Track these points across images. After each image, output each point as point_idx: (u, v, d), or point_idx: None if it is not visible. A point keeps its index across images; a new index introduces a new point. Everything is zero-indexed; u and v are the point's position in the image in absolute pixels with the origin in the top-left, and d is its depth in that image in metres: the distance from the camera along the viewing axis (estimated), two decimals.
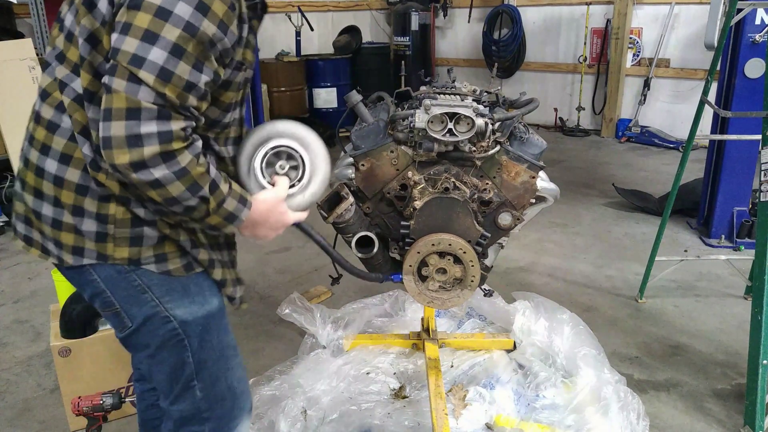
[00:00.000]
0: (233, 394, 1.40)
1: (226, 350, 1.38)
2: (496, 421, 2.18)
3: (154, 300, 1.25)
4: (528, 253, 3.81)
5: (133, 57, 1.01)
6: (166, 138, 1.04)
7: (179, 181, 1.08)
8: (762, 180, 2.19)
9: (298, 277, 3.53)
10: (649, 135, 6.51)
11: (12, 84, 4.37)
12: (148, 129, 1.02)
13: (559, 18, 7.19)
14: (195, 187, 1.10)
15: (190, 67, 1.05)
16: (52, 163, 1.18)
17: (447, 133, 1.69)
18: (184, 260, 1.27)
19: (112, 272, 1.23)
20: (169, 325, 1.27)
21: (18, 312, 3.18)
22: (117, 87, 1.01)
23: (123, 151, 1.02)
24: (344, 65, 7.21)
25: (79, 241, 1.21)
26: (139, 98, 1.01)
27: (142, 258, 1.22)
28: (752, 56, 3.48)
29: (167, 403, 1.38)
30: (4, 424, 2.31)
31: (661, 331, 2.88)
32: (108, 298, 1.26)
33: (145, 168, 1.04)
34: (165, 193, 1.08)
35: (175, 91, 1.04)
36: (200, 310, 1.30)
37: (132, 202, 1.18)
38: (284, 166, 1.35)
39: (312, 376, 2.38)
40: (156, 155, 1.04)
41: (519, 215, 1.85)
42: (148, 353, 1.31)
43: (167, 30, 1.02)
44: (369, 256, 1.85)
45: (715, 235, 3.90)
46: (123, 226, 1.20)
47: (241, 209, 1.20)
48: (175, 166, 1.06)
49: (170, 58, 1.03)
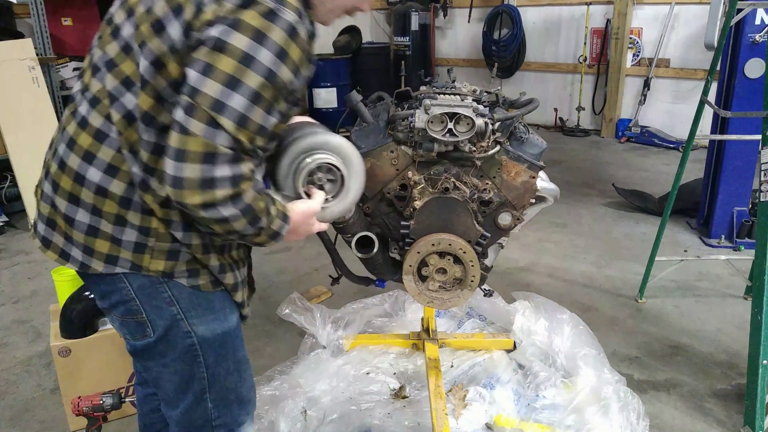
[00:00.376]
0: (242, 402, 1.43)
1: (240, 364, 1.40)
2: (496, 421, 2.18)
3: (180, 313, 1.27)
4: (528, 253, 3.81)
5: (215, 102, 1.02)
6: (237, 181, 1.07)
7: (244, 218, 1.11)
8: (762, 180, 2.19)
9: (297, 277, 3.53)
10: (649, 135, 6.51)
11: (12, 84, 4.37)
12: (222, 173, 1.04)
13: (559, 18, 7.19)
14: (255, 220, 1.13)
15: (264, 112, 1.07)
16: (95, 173, 1.17)
17: (447, 133, 1.69)
18: (213, 276, 1.29)
19: (145, 282, 1.24)
20: (188, 339, 1.29)
21: (18, 312, 3.18)
22: (195, 130, 1.02)
23: (195, 193, 1.04)
24: (344, 65, 7.21)
25: (114, 250, 1.21)
26: (217, 143, 1.03)
27: (176, 272, 1.24)
28: (752, 56, 3.49)
29: (175, 412, 1.39)
30: (4, 424, 2.31)
31: (661, 331, 2.88)
32: (136, 306, 1.26)
33: (214, 208, 1.06)
34: (228, 228, 1.11)
35: (248, 135, 1.06)
36: (220, 326, 1.32)
37: (173, 224, 1.20)
38: (323, 178, 1.41)
39: (312, 376, 2.38)
40: (226, 197, 1.06)
41: (519, 215, 1.85)
42: (161, 362, 1.32)
43: (249, 77, 1.03)
44: (369, 256, 1.85)
45: (715, 235, 3.90)
46: (163, 240, 1.21)
47: (283, 227, 1.23)
48: (240, 204, 1.09)
49: (250, 106, 1.04)
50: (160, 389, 1.39)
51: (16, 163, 4.35)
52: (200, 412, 1.37)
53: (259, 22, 1.04)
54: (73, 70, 5.34)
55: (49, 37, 4.85)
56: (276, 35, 1.05)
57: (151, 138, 1.13)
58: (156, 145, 1.13)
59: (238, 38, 1.02)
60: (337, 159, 1.40)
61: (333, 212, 1.45)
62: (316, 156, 1.38)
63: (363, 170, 1.47)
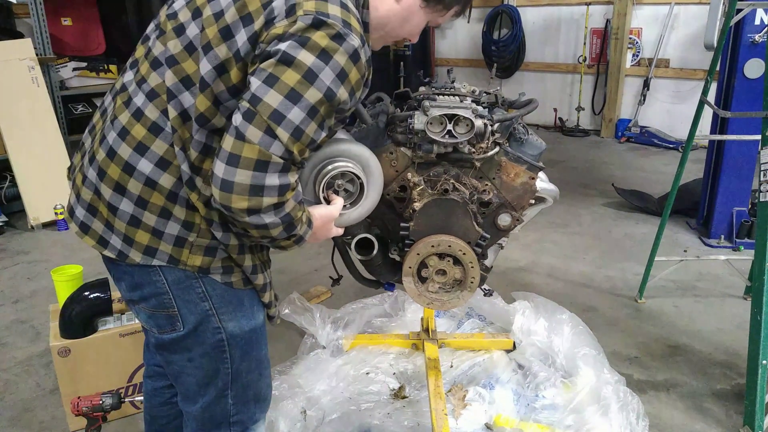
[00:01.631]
0: (259, 399, 1.45)
1: (262, 362, 1.43)
2: (495, 421, 2.18)
3: (212, 309, 1.29)
4: (528, 254, 3.81)
5: (274, 112, 1.05)
6: (284, 190, 1.10)
7: (281, 226, 1.14)
8: (761, 180, 2.19)
9: (297, 277, 3.53)
10: (649, 135, 6.51)
11: (11, 84, 4.37)
12: (271, 182, 1.08)
13: (559, 18, 7.19)
14: (291, 228, 1.17)
15: (317, 127, 1.11)
16: (146, 165, 1.19)
17: (446, 135, 1.69)
18: (244, 275, 1.32)
19: (180, 276, 1.25)
20: (218, 335, 1.31)
21: (18, 312, 3.18)
22: (251, 137, 1.05)
23: (243, 198, 1.07)
24: None
25: (154, 242, 1.22)
26: (271, 152, 1.06)
27: (212, 268, 1.26)
28: (752, 56, 3.49)
29: (194, 407, 1.40)
30: (4, 424, 2.31)
31: (660, 332, 2.88)
32: (168, 300, 1.27)
33: (257, 214, 1.10)
34: (265, 233, 1.15)
35: (300, 148, 1.10)
36: (248, 324, 1.35)
37: (214, 224, 1.22)
38: (342, 185, 1.44)
39: (311, 377, 2.39)
40: (270, 205, 1.09)
41: (518, 216, 1.85)
42: (187, 357, 1.33)
43: (310, 93, 1.07)
44: (368, 258, 1.85)
45: (715, 236, 3.90)
46: (203, 237, 1.23)
47: (307, 231, 1.26)
48: (282, 212, 1.12)
49: (306, 119, 1.08)
50: (181, 384, 1.40)
51: (16, 163, 4.35)
52: (220, 408, 1.39)
53: (327, 42, 1.08)
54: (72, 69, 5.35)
55: (48, 37, 4.85)
56: (340, 57, 1.09)
57: (202, 139, 1.16)
58: (205, 146, 1.17)
59: (305, 55, 1.07)
60: (357, 167, 1.44)
61: (350, 218, 1.49)
62: (337, 164, 1.41)
63: (381, 178, 1.51)
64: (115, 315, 2.30)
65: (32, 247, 4.08)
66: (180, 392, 1.43)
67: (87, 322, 2.23)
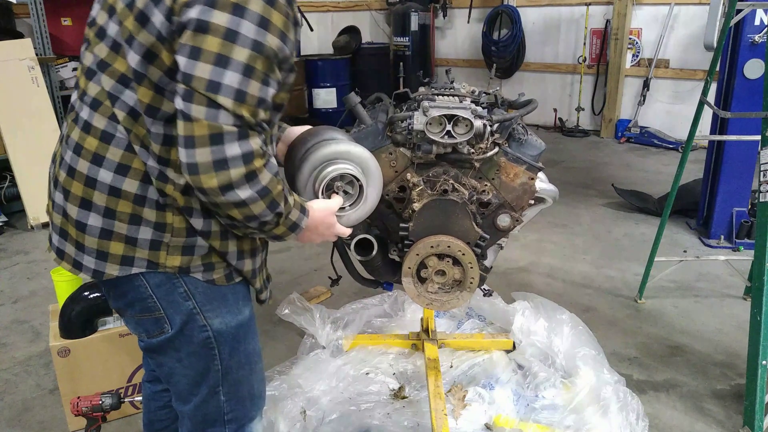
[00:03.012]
0: (253, 395, 1.45)
1: (252, 356, 1.41)
2: (495, 421, 2.18)
3: (196, 307, 1.28)
4: (527, 254, 3.81)
5: (209, 83, 1.03)
6: (249, 158, 1.07)
7: (262, 200, 1.11)
8: (761, 180, 2.19)
9: (297, 277, 3.53)
10: (649, 135, 6.51)
11: (11, 84, 4.37)
12: (232, 152, 1.05)
13: (559, 18, 7.19)
14: (274, 205, 1.14)
15: (260, 84, 1.07)
16: (106, 174, 1.18)
17: (445, 135, 1.69)
18: (227, 270, 1.30)
19: (162, 279, 1.24)
20: (204, 333, 1.30)
21: (17, 312, 3.18)
22: (197, 115, 1.03)
23: (210, 176, 1.05)
24: (344, 65, 7.21)
25: (129, 250, 1.21)
26: (220, 123, 1.04)
27: (192, 266, 1.25)
28: (751, 57, 3.49)
29: (187, 407, 1.40)
30: (3, 425, 2.31)
31: (660, 332, 2.88)
32: (153, 303, 1.27)
33: (232, 190, 1.07)
34: (247, 212, 1.12)
35: (249, 110, 1.06)
36: (234, 319, 1.33)
37: (194, 212, 1.20)
38: (341, 187, 1.44)
39: (311, 377, 2.38)
40: (241, 176, 1.07)
41: (518, 216, 1.85)
42: (176, 357, 1.33)
43: (237, 52, 1.03)
44: (368, 258, 1.85)
45: (715, 236, 3.90)
46: (179, 236, 1.22)
47: (302, 219, 1.25)
48: (257, 185, 1.10)
49: (243, 80, 1.04)
50: (173, 385, 1.40)
51: (16, 163, 4.35)
52: (213, 406, 1.38)
53: None
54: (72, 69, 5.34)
55: (48, 37, 4.85)
56: (255, 5, 1.05)
57: (160, 130, 1.14)
58: (165, 136, 1.14)
59: (218, 16, 1.03)
60: (357, 169, 1.43)
61: (350, 220, 1.48)
62: (337, 165, 1.41)
63: (381, 180, 1.50)
64: (115, 315, 2.30)
65: (32, 247, 4.08)
66: (173, 393, 1.43)
67: (87, 322, 2.23)
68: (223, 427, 1.41)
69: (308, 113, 7.11)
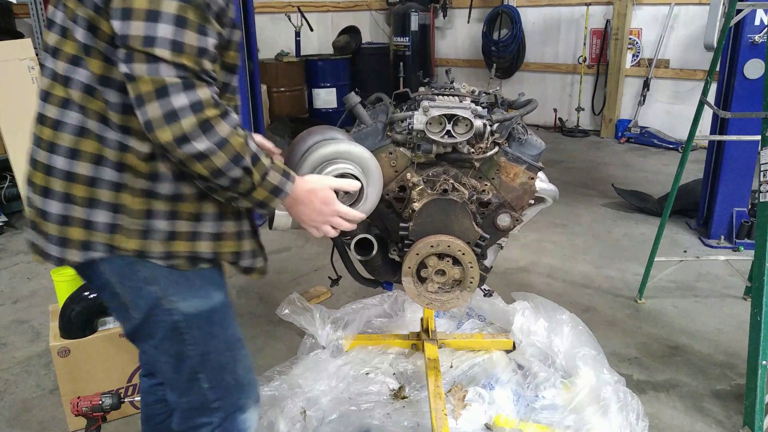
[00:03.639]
0: (240, 384, 1.43)
1: (232, 342, 1.40)
2: (495, 421, 2.18)
3: (160, 291, 1.27)
4: (527, 254, 3.81)
5: (144, 39, 1.04)
6: (198, 107, 1.08)
7: (222, 152, 1.11)
8: (761, 181, 2.19)
9: (297, 277, 3.53)
10: (649, 135, 6.51)
11: (11, 84, 4.36)
12: (180, 102, 1.06)
13: (559, 18, 7.19)
14: (237, 158, 1.13)
15: (197, 33, 1.08)
16: (61, 160, 1.20)
17: (445, 135, 1.69)
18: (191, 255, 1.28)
19: (121, 264, 1.24)
20: (172, 317, 1.29)
21: (17, 312, 3.18)
22: (139, 73, 1.05)
23: (164, 130, 1.06)
24: (344, 66, 7.21)
25: (88, 235, 1.21)
26: (162, 76, 1.05)
27: (152, 251, 1.23)
28: (751, 57, 3.48)
29: (174, 396, 1.40)
30: (3, 425, 2.31)
31: (660, 332, 2.88)
32: (115, 290, 1.28)
33: (188, 142, 1.08)
34: (210, 165, 1.11)
35: (190, 59, 1.07)
36: (204, 303, 1.32)
37: (159, 177, 1.19)
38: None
39: (311, 377, 2.38)
40: (194, 127, 1.07)
41: (518, 216, 1.85)
42: (152, 344, 1.33)
43: (166, 4, 1.05)
44: (368, 258, 1.85)
45: (715, 236, 3.90)
46: (135, 217, 1.21)
47: (285, 182, 1.24)
48: (215, 136, 1.10)
49: (177, 30, 1.06)
50: (160, 373, 1.40)
51: (16, 163, 4.35)
52: (195, 393, 1.37)
53: None
54: None
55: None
56: None
57: (117, 99, 1.15)
58: (124, 105, 1.15)
59: None
60: (357, 169, 1.43)
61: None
62: (337, 165, 1.42)
63: (381, 180, 1.51)
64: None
65: None
66: (165, 382, 1.43)
67: (87, 322, 2.23)
68: (210, 416, 1.40)
69: (308, 113, 7.11)
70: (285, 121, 6.50)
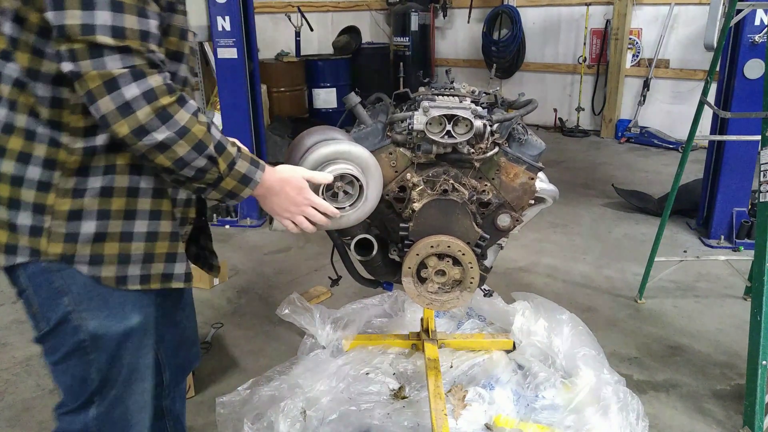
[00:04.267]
0: (127, 423, 1.32)
1: (135, 373, 1.30)
2: (495, 421, 2.18)
3: (71, 304, 1.19)
4: (527, 254, 3.81)
5: (82, 27, 1.00)
6: (151, 96, 1.05)
7: (183, 140, 1.08)
8: (761, 181, 2.19)
9: (297, 277, 3.53)
10: (649, 135, 6.51)
11: None
12: (131, 93, 1.03)
13: (559, 18, 7.19)
14: (200, 146, 1.10)
15: (137, 16, 1.04)
16: None
17: (445, 135, 1.69)
18: (121, 272, 1.20)
19: (38, 270, 1.17)
20: (78, 335, 1.21)
21: (17, 312, 3.18)
22: (85, 68, 1.01)
23: (120, 124, 1.04)
24: (344, 66, 7.21)
25: (12, 238, 1.15)
26: (108, 68, 1.01)
27: (77, 255, 1.16)
28: (752, 57, 3.49)
29: (59, 411, 1.31)
30: (3, 424, 2.31)
31: (660, 332, 2.88)
32: (30, 297, 1.21)
33: (147, 133, 1.05)
34: (172, 155, 1.09)
35: (134, 44, 1.03)
36: (117, 325, 1.23)
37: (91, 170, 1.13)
38: (341, 187, 1.44)
39: (311, 377, 2.38)
40: (151, 116, 1.05)
41: (518, 216, 1.85)
42: (54, 359, 1.24)
43: None
44: (368, 258, 1.85)
45: (715, 236, 3.90)
46: (60, 218, 1.14)
47: (254, 171, 1.20)
48: (174, 125, 1.07)
49: (115, 15, 1.01)
50: (60, 389, 1.29)
51: None
52: (80, 419, 1.27)
53: None
54: None
55: None
56: None
57: (47, 93, 1.11)
58: (54, 99, 1.11)
59: None
60: (357, 169, 1.43)
61: (350, 219, 1.48)
62: (337, 165, 1.41)
63: (381, 180, 1.50)
64: None
65: None
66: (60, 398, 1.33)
67: None
68: None
69: (308, 113, 7.11)
70: (285, 121, 6.50)
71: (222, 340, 2.85)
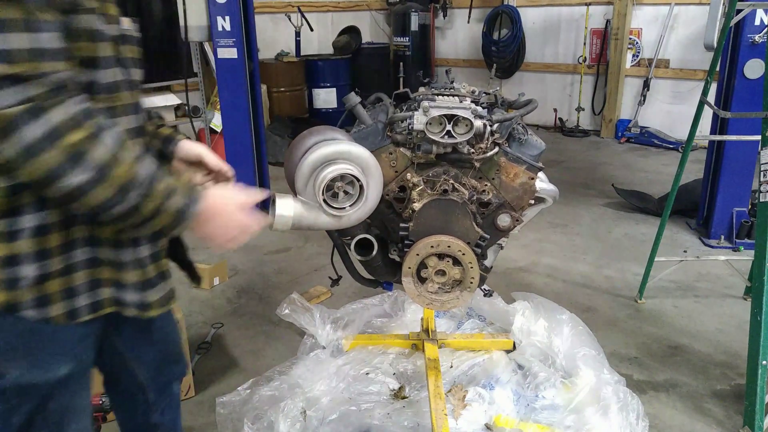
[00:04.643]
0: None
1: (69, 414, 1.18)
2: (495, 421, 2.18)
3: None
4: (527, 254, 3.81)
5: None
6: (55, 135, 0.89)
7: (104, 182, 0.93)
8: (761, 181, 2.19)
9: (297, 277, 3.53)
10: (649, 135, 6.51)
11: None
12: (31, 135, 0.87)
13: (559, 18, 7.19)
14: (126, 186, 0.95)
15: (24, 32, 0.86)
16: None
17: (445, 135, 1.69)
18: (69, 306, 1.08)
19: None
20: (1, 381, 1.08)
21: None
22: None
23: (24, 170, 0.90)
24: (344, 66, 7.21)
25: None
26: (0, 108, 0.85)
27: (23, 302, 1.04)
28: (752, 57, 3.49)
29: None
30: None
31: (660, 332, 2.88)
32: None
33: (58, 178, 0.91)
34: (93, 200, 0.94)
35: (25, 67, 0.86)
36: (41, 375, 1.10)
37: (23, 208, 1.00)
38: (341, 187, 1.44)
39: (311, 377, 2.38)
40: (60, 159, 0.89)
41: (518, 216, 1.85)
42: None
43: None
44: (368, 258, 1.85)
45: (715, 236, 3.90)
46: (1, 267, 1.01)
47: (189, 205, 1.06)
48: (89, 165, 0.91)
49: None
50: None
51: None
52: None
53: None
54: None
55: None
56: None
57: None
58: None
59: None
60: (357, 169, 1.43)
61: (350, 219, 1.48)
62: (337, 165, 1.41)
63: (381, 180, 1.50)
64: None
65: None
66: None
67: None
68: None
69: (308, 113, 7.11)
70: (285, 121, 6.50)
71: (222, 340, 2.85)
